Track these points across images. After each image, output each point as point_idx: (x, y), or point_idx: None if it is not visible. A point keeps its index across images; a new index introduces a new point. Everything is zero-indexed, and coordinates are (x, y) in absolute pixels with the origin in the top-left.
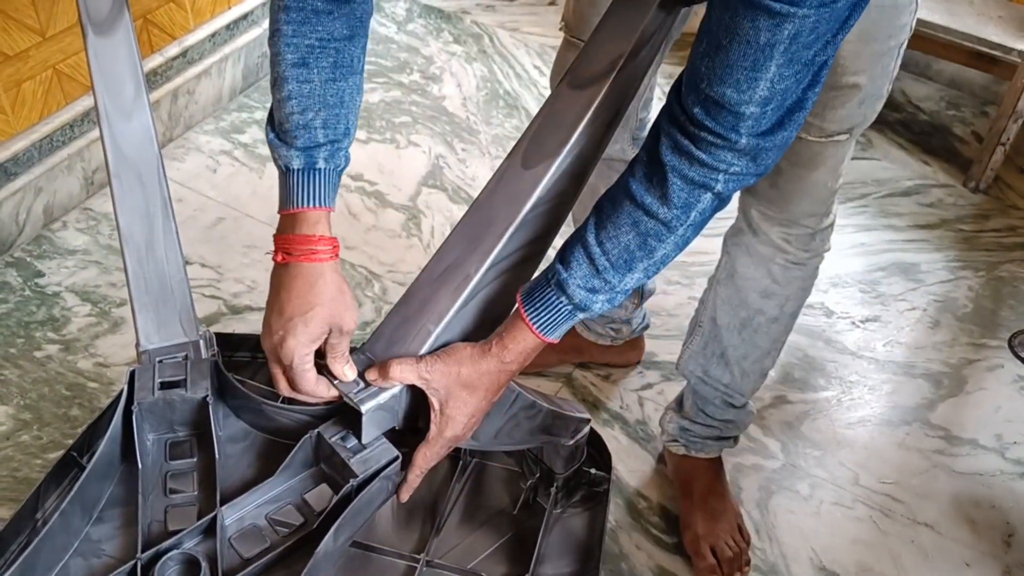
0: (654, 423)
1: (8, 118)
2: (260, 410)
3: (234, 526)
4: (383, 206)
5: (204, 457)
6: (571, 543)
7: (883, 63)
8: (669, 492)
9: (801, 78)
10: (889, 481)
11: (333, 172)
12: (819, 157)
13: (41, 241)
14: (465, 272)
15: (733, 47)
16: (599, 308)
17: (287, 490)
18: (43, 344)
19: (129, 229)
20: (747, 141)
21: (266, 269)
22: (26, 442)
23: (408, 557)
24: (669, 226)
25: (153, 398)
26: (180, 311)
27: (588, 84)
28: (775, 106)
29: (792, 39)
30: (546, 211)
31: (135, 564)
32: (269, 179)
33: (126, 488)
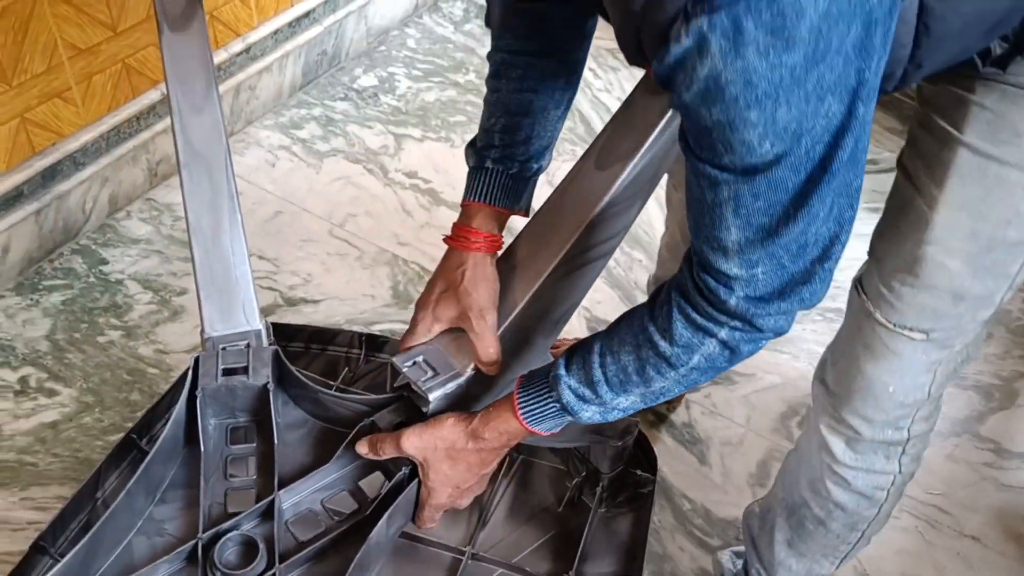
0: (700, 426)
1: (78, 110)
2: (317, 399)
3: (290, 510)
4: (436, 204)
5: (263, 443)
6: (615, 543)
7: (995, 258)
8: (714, 496)
9: (783, 247)
10: (936, 492)
11: (503, 174)
12: (882, 349)
13: (106, 230)
14: (536, 268)
15: (693, 203)
16: (588, 417)
17: (342, 477)
18: (106, 330)
19: (197, 220)
20: (738, 304)
21: (321, 263)
22: (88, 424)
23: (454, 550)
24: (669, 362)
25: (216, 384)
26: (243, 301)
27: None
28: (766, 271)
29: (735, 202)
30: (617, 212)
31: (196, 543)
32: (326, 175)
33: (188, 471)
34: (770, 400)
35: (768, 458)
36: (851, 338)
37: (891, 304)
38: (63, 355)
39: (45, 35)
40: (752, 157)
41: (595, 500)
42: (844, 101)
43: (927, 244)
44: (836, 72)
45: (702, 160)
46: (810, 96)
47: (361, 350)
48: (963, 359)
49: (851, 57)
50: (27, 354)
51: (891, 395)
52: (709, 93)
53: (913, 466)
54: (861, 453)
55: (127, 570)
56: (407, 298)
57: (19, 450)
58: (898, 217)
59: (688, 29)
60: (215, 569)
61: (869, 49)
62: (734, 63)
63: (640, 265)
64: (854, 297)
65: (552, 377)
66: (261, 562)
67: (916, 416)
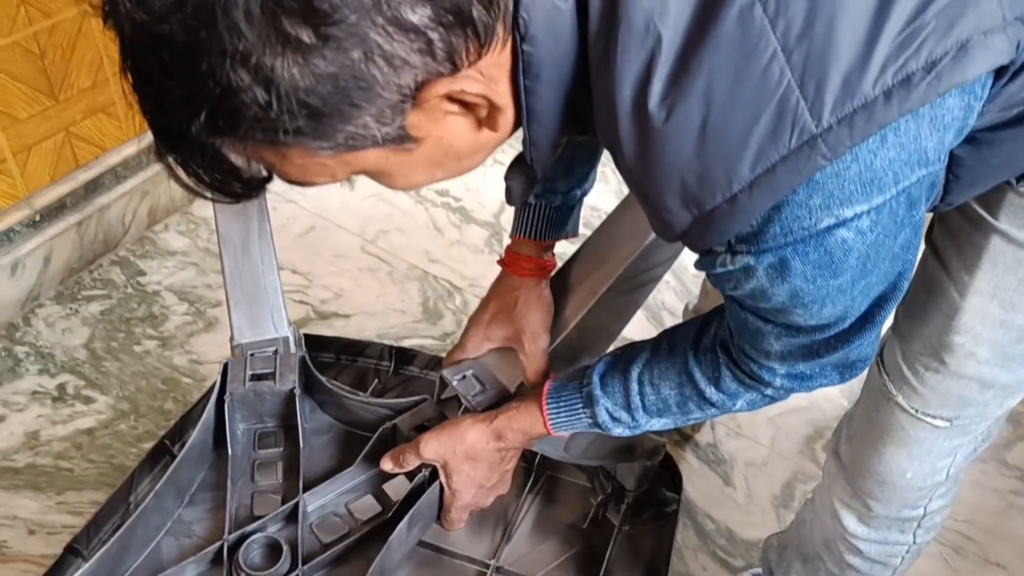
0: (725, 446)
1: (121, 125)
2: (343, 403)
3: (315, 513)
4: (467, 222)
5: (290, 447)
6: (638, 560)
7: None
8: (737, 516)
9: (821, 341)
10: (962, 519)
11: (547, 207)
12: (902, 434)
13: (144, 242)
14: (590, 288)
15: (732, 320)
16: (618, 433)
17: (366, 480)
18: (142, 339)
19: (227, 231)
20: (782, 383)
21: (352, 278)
22: (123, 431)
23: (478, 563)
24: (713, 404)
25: (244, 389)
26: (272, 308)
27: None
28: (807, 364)
29: (777, 335)
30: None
31: (221, 545)
32: (359, 192)
33: (216, 474)
34: (796, 422)
35: (793, 480)
36: (869, 417)
37: (914, 388)
38: (100, 363)
39: (92, 52)
40: (797, 325)
41: (619, 517)
42: (889, 284)
43: (955, 333)
44: (883, 270)
45: (745, 309)
46: (856, 296)
47: (391, 362)
48: (984, 439)
49: (899, 254)
50: (65, 362)
51: (908, 480)
52: (754, 296)
53: (929, 536)
54: (875, 528)
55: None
56: (436, 314)
57: (56, 455)
58: (926, 298)
59: (734, 260)
60: (239, 570)
61: (916, 240)
62: (781, 285)
63: (668, 287)
64: (874, 374)
65: (587, 395)
66: (285, 563)
67: (934, 495)
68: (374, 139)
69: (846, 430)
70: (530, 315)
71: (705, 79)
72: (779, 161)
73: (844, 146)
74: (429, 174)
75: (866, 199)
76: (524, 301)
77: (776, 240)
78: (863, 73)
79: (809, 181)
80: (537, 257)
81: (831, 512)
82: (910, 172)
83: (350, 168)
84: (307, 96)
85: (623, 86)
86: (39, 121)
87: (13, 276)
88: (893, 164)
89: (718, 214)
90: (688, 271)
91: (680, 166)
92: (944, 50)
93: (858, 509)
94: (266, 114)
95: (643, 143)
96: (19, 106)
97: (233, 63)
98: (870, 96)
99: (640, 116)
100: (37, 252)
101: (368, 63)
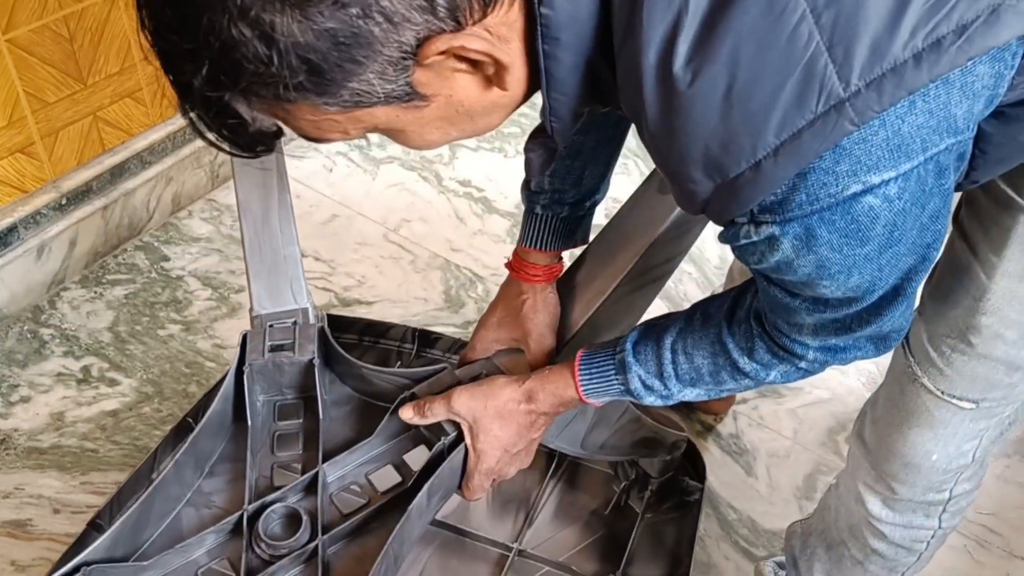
0: (747, 437)
1: (148, 111)
2: (361, 375)
3: (335, 483)
4: (489, 212)
5: (310, 419)
6: (661, 548)
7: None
8: (760, 507)
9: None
10: (986, 512)
11: (553, 219)
12: (927, 416)
13: (168, 228)
14: (598, 288)
15: (763, 295)
16: (650, 402)
17: (387, 451)
18: (166, 323)
19: (247, 201)
20: (816, 356)
21: (375, 266)
22: (147, 413)
23: (501, 545)
24: (746, 374)
25: (263, 360)
26: (291, 279)
27: None
28: (840, 337)
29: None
30: (677, 235)
31: (241, 515)
32: (381, 181)
33: (236, 445)
34: (818, 415)
35: (815, 471)
36: (894, 400)
37: (940, 370)
38: (125, 346)
39: (120, 37)
40: (825, 298)
41: (642, 505)
42: (917, 256)
43: (983, 314)
44: (911, 240)
45: (772, 283)
46: (883, 267)
47: (413, 345)
48: (1010, 422)
49: (927, 225)
50: (90, 344)
51: (933, 463)
52: (780, 269)
53: (955, 520)
54: (899, 512)
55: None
56: (458, 302)
57: (80, 436)
58: (953, 280)
59: (758, 231)
60: (259, 540)
61: (945, 210)
62: (806, 256)
63: (689, 277)
64: (899, 356)
65: (620, 361)
66: (305, 534)
67: (960, 479)
68: (379, 96)
69: (871, 413)
70: (536, 318)
71: (732, 41)
72: (805, 126)
73: (872, 111)
74: (443, 133)
75: (894, 165)
76: (530, 305)
77: (802, 208)
78: (893, 36)
79: (836, 147)
80: (544, 265)
81: (856, 496)
82: (939, 139)
83: (362, 125)
84: (307, 52)
85: (648, 49)
86: (67, 105)
87: (39, 259)
88: (921, 130)
89: (742, 182)
90: (710, 262)
91: (704, 132)
92: (976, 14)
93: (883, 492)
94: (267, 69)
95: (667, 108)
96: (48, 89)
97: (232, 18)
98: (900, 60)
99: (665, 80)
100: (63, 236)
101: (367, 19)
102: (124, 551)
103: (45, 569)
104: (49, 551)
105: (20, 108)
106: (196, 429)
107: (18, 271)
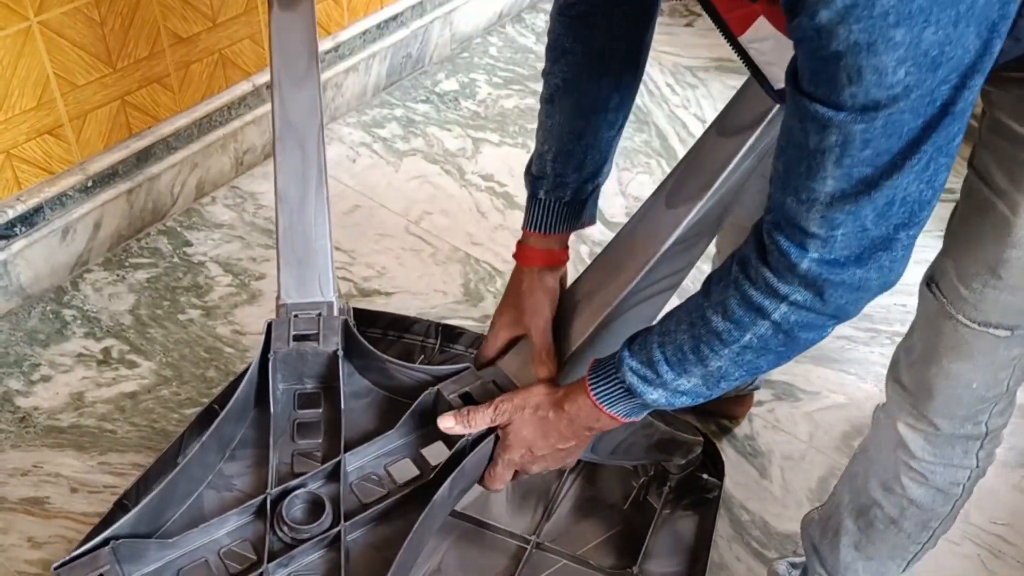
0: (762, 439)
1: (175, 96)
2: (383, 368)
3: (355, 473)
4: (511, 207)
5: (329, 409)
6: (679, 544)
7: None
8: (773, 509)
9: (872, 205)
10: (1001, 522)
11: (557, 203)
12: (965, 347)
13: (191, 213)
14: (603, 300)
15: (790, 149)
16: (654, 400)
17: (405, 444)
18: (187, 308)
19: (285, 189)
20: (810, 266)
21: (395, 257)
22: (166, 396)
23: (519, 537)
24: (720, 338)
25: (287, 348)
26: (320, 272)
27: (736, 132)
28: (846, 233)
29: (842, 149)
30: (684, 249)
31: (265, 499)
32: (404, 173)
33: (257, 431)
34: (834, 419)
35: (829, 475)
36: (930, 341)
37: (973, 305)
38: (145, 330)
39: (150, 22)
40: (879, 89)
41: (660, 501)
42: (983, 36)
43: (1011, 248)
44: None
45: (815, 99)
46: (959, 19)
47: (437, 340)
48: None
49: (977, 17)
50: (111, 326)
51: (973, 391)
52: (856, 7)
53: (988, 462)
54: (940, 448)
55: (197, 520)
56: (477, 296)
57: (99, 417)
58: (977, 220)
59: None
60: (283, 524)
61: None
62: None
63: None
64: (929, 298)
65: (618, 359)
66: (326, 520)
67: (993, 411)
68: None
69: (905, 360)
70: (532, 297)
71: None
72: None
73: None
74: None
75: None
76: (528, 285)
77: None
78: None
79: None
80: (547, 249)
81: (895, 442)
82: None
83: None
84: None
85: None
86: (96, 88)
87: (64, 240)
88: None
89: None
90: None
91: None
92: None
93: (924, 430)
94: None
95: None
96: (78, 72)
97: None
98: None
99: None
100: (88, 218)
101: None
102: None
103: (61, 547)
104: (66, 529)
105: (50, 90)
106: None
107: (43, 251)
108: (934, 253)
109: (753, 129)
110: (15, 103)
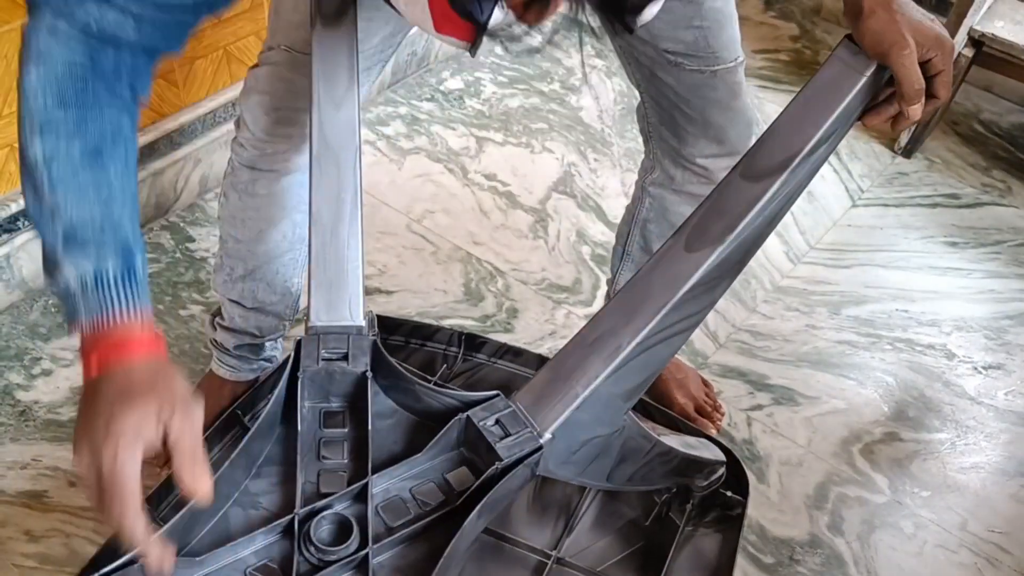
0: (761, 443)
1: (179, 92)
2: (411, 390)
3: (380, 495)
4: (513, 207)
5: (355, 428)
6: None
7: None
8: (770, 514)
9: None
10: (998, 531)
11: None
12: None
13: (194, 209)
14: (617, 342)
15: None
16: None
17: (430, 468)
18: (188, 304)
19: (319, 211)
20: None
21: (397, 255)
22: None
23: (540, 552)
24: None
25: (316, 367)
26: (351, 295)
27: (761, 177)
28: None
29: None
30: (702, 293)
31: (293, 518)
32: (407, 171)
33: (283, 449)
34: (833, 424)
35: (827, 481)
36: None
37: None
38: None
39: None
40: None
41: (683, 518)
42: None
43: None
44: None
45: None
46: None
47: (459, 348)
48: None
49: None
50: None
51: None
52: None
53: None
54: None
55: (223, 538)
56: (478, 296)
57: None
58: None
59: None
60: (310, 544)
61: None
62: None
63: None
64: None
65: None
66: (354, 542)
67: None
68: None
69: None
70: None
71: None
72: None
73: None
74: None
75: None
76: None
77: None
78: None
79: None
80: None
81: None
82: None
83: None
84: None
85: None
86: None
87: None
88: None
89: None
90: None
91: None
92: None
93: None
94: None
95: None
96: None
97: None
98: None
99: None
100: None
101: None
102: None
103: (58, 540)
104: (63, 523)
105: None
106: (251, 431)
107: None
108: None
109: (779, 174)
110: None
